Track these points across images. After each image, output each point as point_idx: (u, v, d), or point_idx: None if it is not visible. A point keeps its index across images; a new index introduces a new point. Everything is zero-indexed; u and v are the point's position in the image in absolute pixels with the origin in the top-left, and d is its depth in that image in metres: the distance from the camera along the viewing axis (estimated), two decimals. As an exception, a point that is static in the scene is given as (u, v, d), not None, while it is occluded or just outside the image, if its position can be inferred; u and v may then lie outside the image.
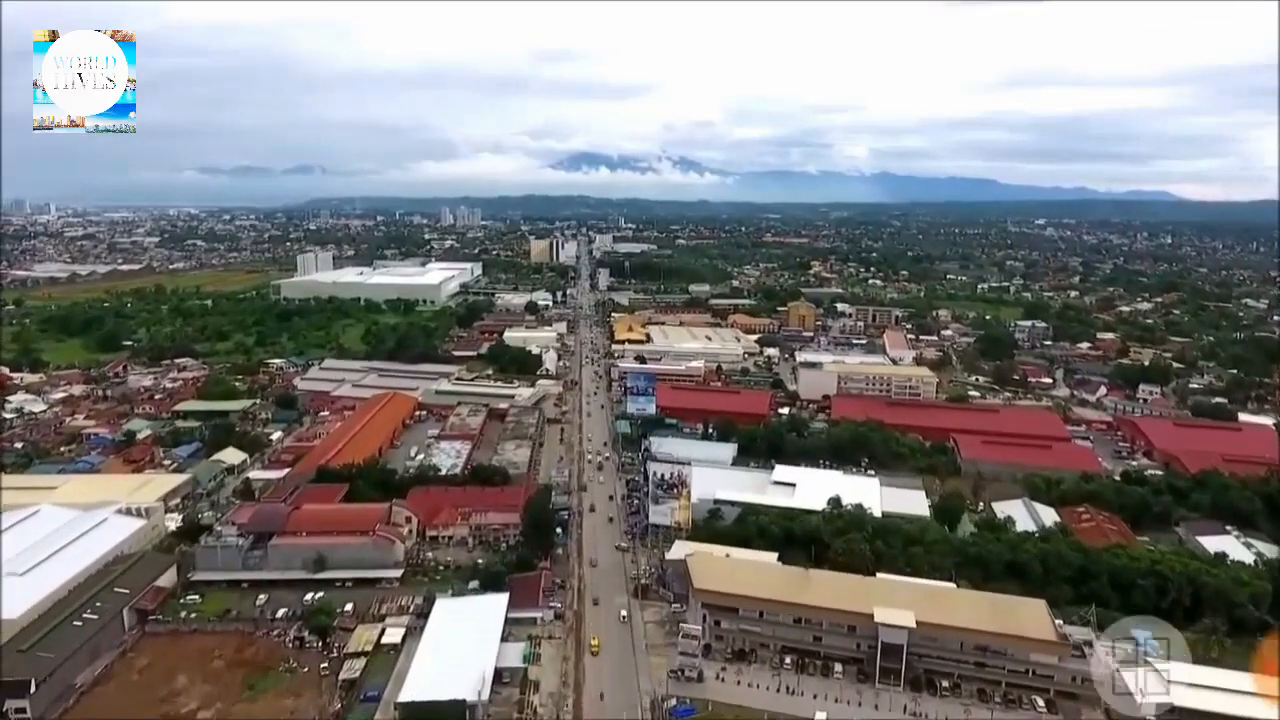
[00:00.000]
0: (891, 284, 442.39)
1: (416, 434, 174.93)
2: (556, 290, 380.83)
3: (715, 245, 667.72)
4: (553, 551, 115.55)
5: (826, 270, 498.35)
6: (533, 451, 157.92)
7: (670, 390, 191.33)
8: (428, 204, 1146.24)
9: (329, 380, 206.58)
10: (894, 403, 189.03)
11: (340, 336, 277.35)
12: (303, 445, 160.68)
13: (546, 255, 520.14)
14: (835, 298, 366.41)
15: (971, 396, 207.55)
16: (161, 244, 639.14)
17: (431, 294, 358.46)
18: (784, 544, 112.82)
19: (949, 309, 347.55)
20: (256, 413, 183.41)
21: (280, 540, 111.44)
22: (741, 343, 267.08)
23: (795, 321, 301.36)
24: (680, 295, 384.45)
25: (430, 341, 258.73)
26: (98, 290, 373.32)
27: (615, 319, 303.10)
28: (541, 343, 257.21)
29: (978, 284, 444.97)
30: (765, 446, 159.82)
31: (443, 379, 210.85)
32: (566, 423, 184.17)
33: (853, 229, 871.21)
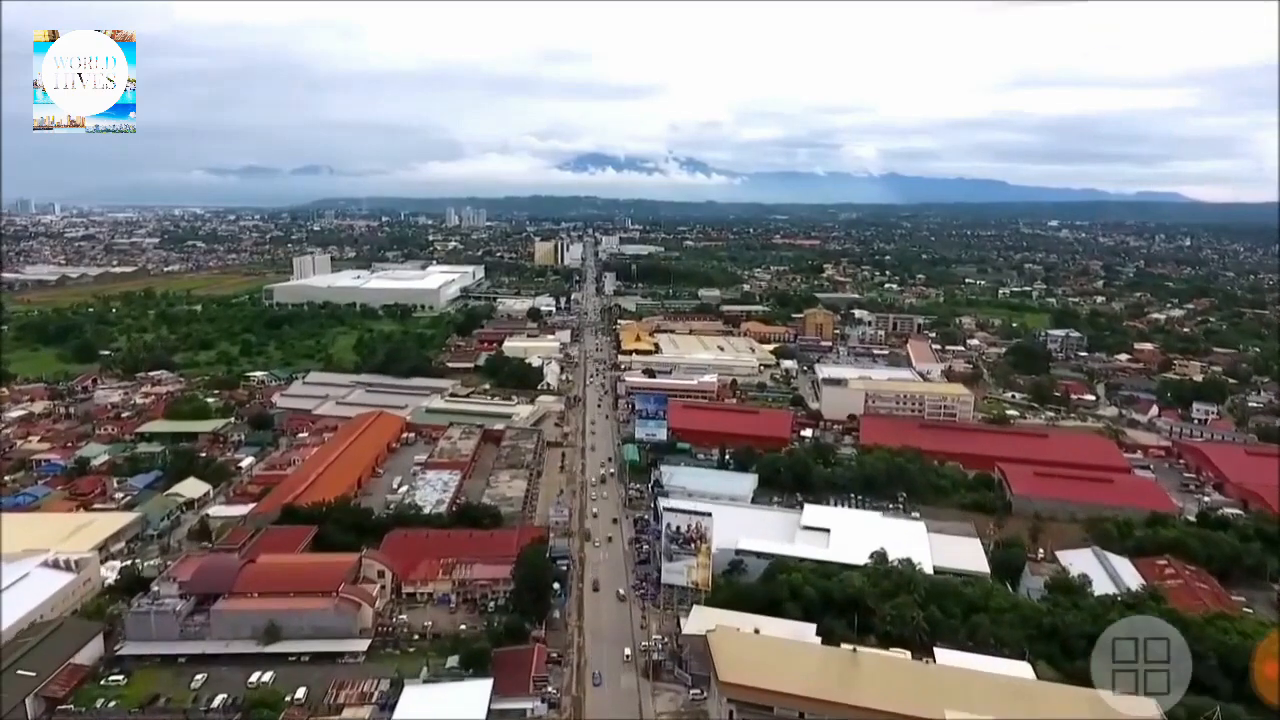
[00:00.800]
0: (908, 288, 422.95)
1: (403, 459, 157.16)
2: (561, 295, 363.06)
3: (724, 247, 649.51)
4: (548, 615, 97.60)
5: (840, 274, 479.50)
6: (529, 483, 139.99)
7: (682, 410, 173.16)
8: (434, 204, 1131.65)
9: (312, 396, 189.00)
10: (928, 425, 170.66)
11: (331, 346, 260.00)
12: (273, 475, 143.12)
13: (551, 258, 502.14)
14: (852, 304, 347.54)
15: (1010, 416, 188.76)
16: (161, 245, 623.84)
17: (430, 299, 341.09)
18: (821, 608, 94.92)
19: (972, 316, 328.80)
20: (228, 435, 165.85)
21: (227, 603, 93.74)
22: (756, 354, 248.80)
23: (812, 330, 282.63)
24: (689, 300, 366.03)
25: (425, 353, 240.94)
26: (85, 294, 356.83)
27: (622, 327, 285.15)
28: (543, 353, 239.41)
29: (998, 288, 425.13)
30: (789, 478, 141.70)
31: (435, 395, 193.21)
32: (568, 446, 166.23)
33: (863, 230, 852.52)
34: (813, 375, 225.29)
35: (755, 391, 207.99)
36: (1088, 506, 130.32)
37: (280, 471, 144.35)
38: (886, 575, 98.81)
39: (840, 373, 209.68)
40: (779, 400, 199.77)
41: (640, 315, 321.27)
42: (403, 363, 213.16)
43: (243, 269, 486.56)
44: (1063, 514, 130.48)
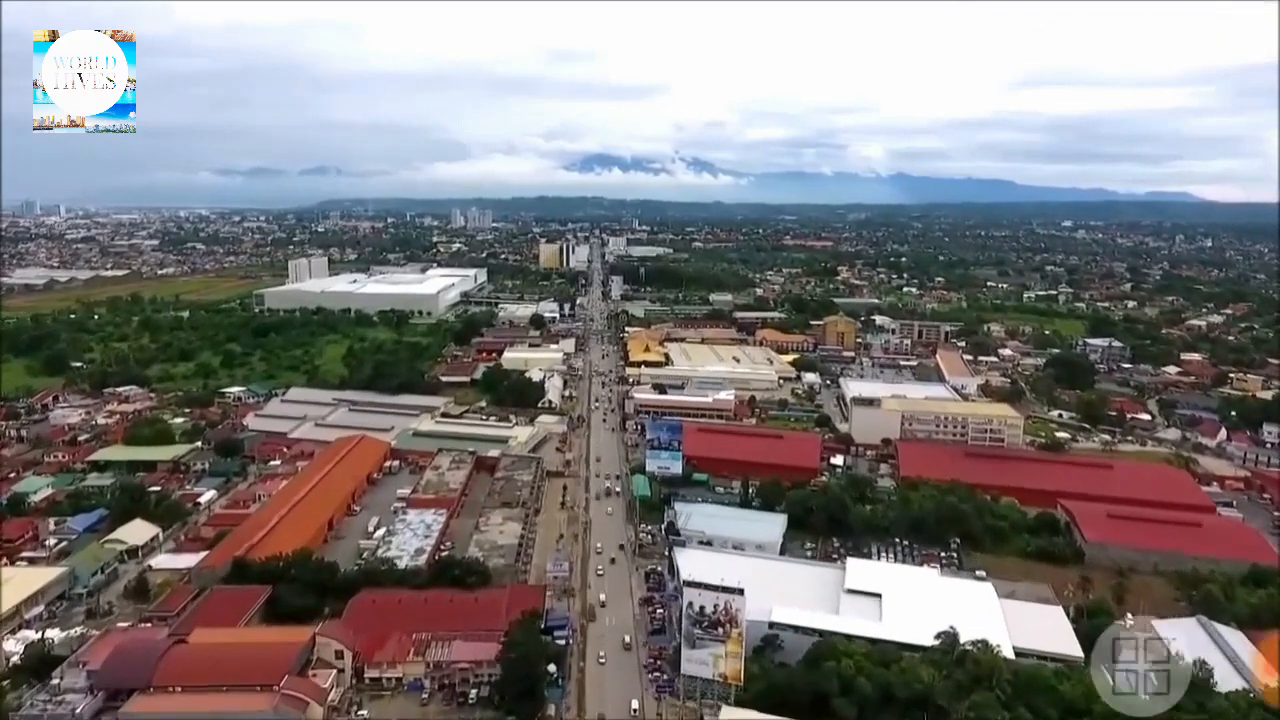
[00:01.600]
0: (928, 292, 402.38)
1: (384, 493, 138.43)
2: (565, 300, 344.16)
3: (733, 248, 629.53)
4: (542, 711, 78.62)
5: (855, 276, 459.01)
6: (525, 525, 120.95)
7: (698, 434, 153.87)
8: (440, 205, 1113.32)
9: (288, 418, 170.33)
10: (975, 453, 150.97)
11: (319, 357, 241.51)
12: (234, 514, 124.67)
13: (556, 260, 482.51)
14: (871, 309, 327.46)
15: (1060, 440, 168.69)
16: (160, 247, 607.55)
17: (428, 305, 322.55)
18: (879, 706, 75.87)
19: (999, 322, 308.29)
20: (189, 464, 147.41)
21: (142, 703, 75.13)
22: (775, 366, 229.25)
23: (833, 339, 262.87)
24: (700, 305, 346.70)
25: (417, 365, 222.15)
26: (70, 299, 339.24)
27: (629, 335, 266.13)
28: (545, 366, 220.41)
29: (1022, 292, 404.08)
30: (823, 518, 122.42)
31: (425, 416, 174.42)
32: (570, 476, 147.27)
33: (874, 231, 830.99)
34: (838, 391, 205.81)
35: (776, 410, 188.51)
36: (1173, 556, 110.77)
37: (242, 510, 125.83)
38: (959, 663, 79.34)
39: (869, 389, 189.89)
40: (803, 421, 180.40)
41: (649, 322, 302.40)
42: (391, 378, 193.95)
43: (239, 272, 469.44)
44: (1144, 565, 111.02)
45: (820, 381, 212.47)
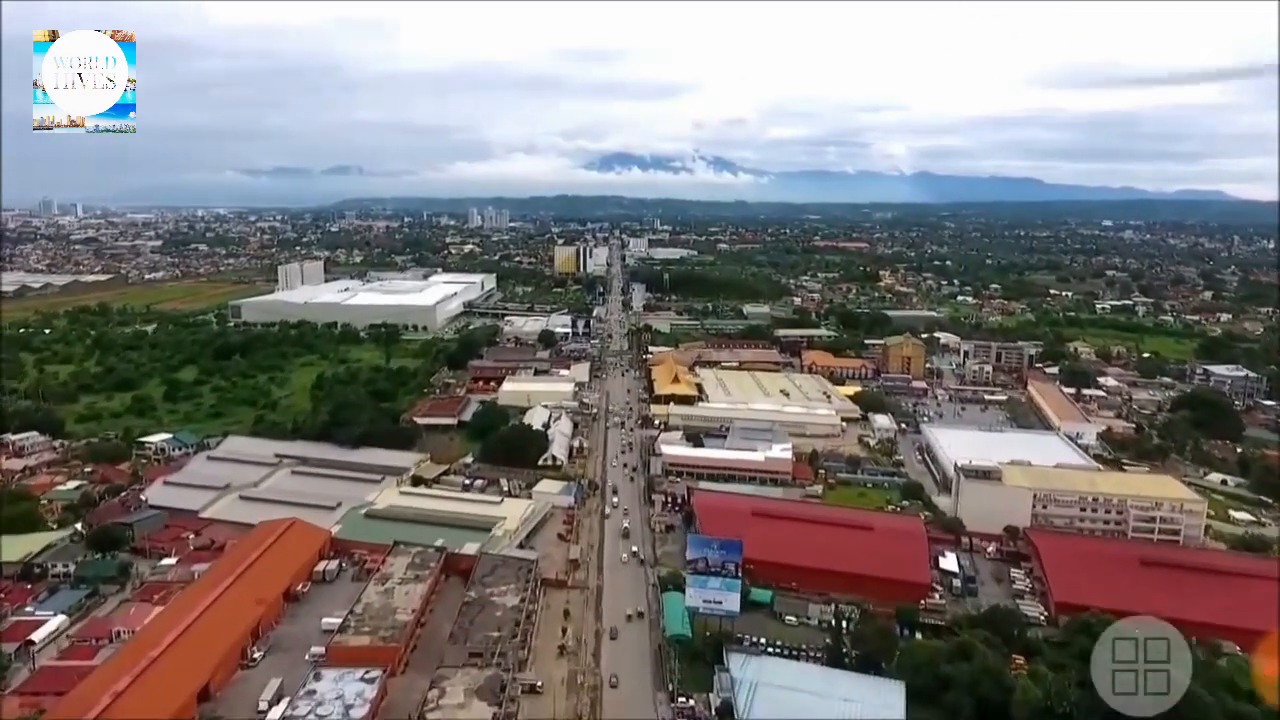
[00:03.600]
0: (985, 301, 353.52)
1: (306, 619, 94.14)
2: (581, 313, 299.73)
3: (761, 250, 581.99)
4: None
5: (900, 282, 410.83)
6: (500, 702, 76.26)
7: (754, 522, 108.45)
8: (460, 204, 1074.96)
9: (207, 487, 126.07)
10: (1152, 559, 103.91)
11: (285, 386, 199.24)
12: (69, 668, 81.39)
13: (573, 265, 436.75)
14: (929, 323, 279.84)
15: (1255, 534, 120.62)
16: (162, 248, 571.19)
17: (425, 318, 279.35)
18: None
19: (1082, 340, 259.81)
20: (48, 565, 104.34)
21: None
22: (833, 401, 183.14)
23: (896, 364, 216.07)
24: (734, 320, 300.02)
25: (398, 400, 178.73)
26: (31, 309, 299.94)
27: (653, 358, 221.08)
28: (552, 401, 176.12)
29: (1092, 302, 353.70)
30: (968, 700, 76.48)
31: (389, 481, 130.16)
32: (575, 588, 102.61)
33: (907, 231, 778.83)
34: (918, 439, 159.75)
35: (845, 470, 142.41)
36: None
37: (82, 663, 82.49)
38: None
39: (964, 442, 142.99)
40: (885, 491, 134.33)
41: (676, 339, 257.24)
42: (352, 425, 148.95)
43: (234, 276, 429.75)
44: None
45: (894, 426, 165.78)
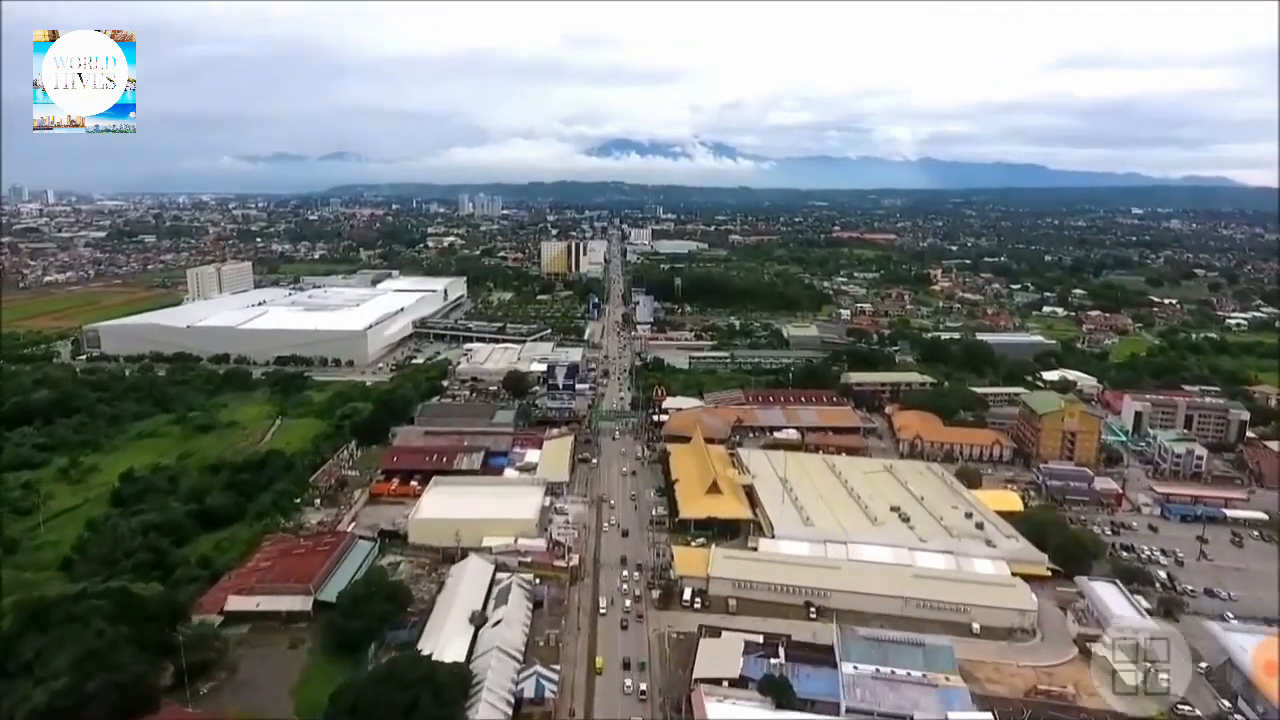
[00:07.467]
0: (1082, 315, 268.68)
1: None
2: (569, 332, 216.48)
3: (779, 243, 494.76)
4: None
5: (959, 286, 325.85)
6: None
7: None
8: (454, 191, 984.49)
9: None
10: None
11: (79, 485, 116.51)
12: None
13: (564, 264, 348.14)
14: (1041, 353, 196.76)
15: None
16: (105, 241, 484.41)
17: (352, 348, 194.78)
18: None
19: (1256, 378, 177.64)
20: None
21: None
22: (996, 538, 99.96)
23: (1052, 440, 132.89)
24: (771, 347, 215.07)
25: (250, 519, 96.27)
26: None
27: (671, 423, 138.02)
28: (502, 538, 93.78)
29: (1220, 315, 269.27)
30: None
31: None
32: None
33: (926, 219, 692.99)
34: (1213, 658, 77.53)
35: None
36: None
37: None
38: None
39: None
40: None
41: (700, 384, 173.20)
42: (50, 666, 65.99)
43: (156, 279, 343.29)
44: None
45: (1149, 623, 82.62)
